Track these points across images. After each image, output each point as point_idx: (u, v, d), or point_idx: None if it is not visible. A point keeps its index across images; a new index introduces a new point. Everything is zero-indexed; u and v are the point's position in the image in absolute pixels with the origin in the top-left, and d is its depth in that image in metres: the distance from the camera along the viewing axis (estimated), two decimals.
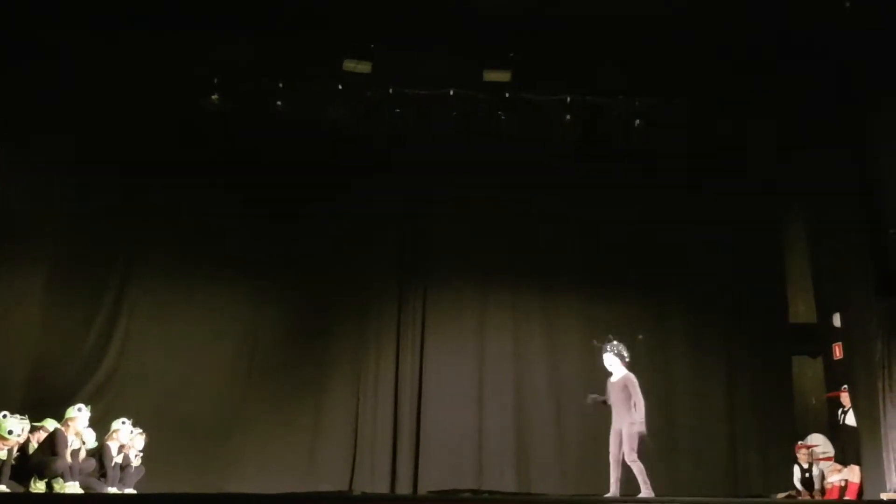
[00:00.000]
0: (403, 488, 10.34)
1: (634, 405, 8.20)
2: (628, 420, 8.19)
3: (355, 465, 10.45)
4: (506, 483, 10.45)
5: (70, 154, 10.15)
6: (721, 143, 10.63)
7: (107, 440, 8.71)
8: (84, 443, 8.36)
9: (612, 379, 8.53)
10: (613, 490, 8.19)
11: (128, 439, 8.88)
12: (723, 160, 10.92)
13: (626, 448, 8.14)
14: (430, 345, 10.99)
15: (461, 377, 10.87)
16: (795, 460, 10.15)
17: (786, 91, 9.76)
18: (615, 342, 8.52)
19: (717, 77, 9.82)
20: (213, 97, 10.13)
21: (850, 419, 9.58)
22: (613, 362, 8.50)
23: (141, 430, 9.08)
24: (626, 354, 8.46)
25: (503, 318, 11.13)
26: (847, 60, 9.39)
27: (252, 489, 9.82)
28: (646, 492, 8.03)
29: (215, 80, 10.14)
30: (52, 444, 7.95)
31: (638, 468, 8.09)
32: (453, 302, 11.15)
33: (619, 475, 8.21)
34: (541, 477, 10.53)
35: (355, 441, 10.57)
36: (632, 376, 8.40)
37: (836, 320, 10.10)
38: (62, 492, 7.72)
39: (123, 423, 8.87)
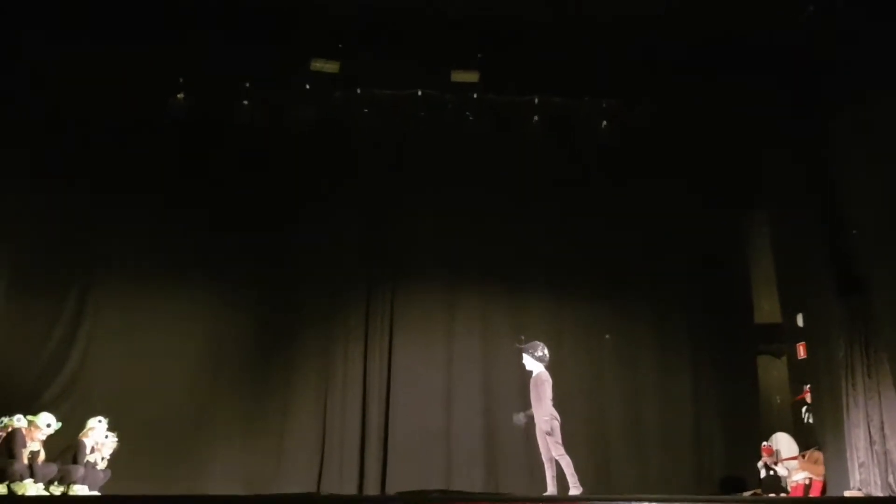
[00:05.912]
0: (371, 489, 10.29)
1: (541, 401, 8.15)
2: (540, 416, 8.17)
3: (323, 467, 10.38)
4: (474, 483, 10.43)
5: (25, 161, 9.96)
6: (687, 146, 10.71)
7: (81, 437, 8.63)
8: (42, 448, 8.26)
9: (531, 378, 8.50)
10: (550, 489, 8.11)
11: (102, 438, 8.79)
12: (688, 162, 11.01)
13: (550, 444, 8.10)
14: (399, 346, 10.95)
15: (429, 378, 10.85)
16: (761, 459, 10.27)
17: (749, 94, 9.86)
18: (534, 342, 8.51)
19: (681, 81, 9.91)
20: (178, 96, 10.03)
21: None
22: (529, 362, 8.49)
23: (115, 437, 8.96)
24: (541, 353, 8.44)
25: (471, 319, 11.12)
26: (808, 64, 9.52)
27: (219, 491, 9.76)
28: (574, 487, 7.96)
29: (181, 80, 10.05)
30: (9, 446, 7.85)
31: (566, 462, 8.02)
32: (421, 303, 11.13)
33: (554, 473, 8.11)
34: (509, 476, 10.52)
35: (323, 442, 10.50)
36: (544, 373, 8.33)
37: (800, 320, 10.24)
38: (24, 493, 7.62)
39: (100, 421, 8.80)
